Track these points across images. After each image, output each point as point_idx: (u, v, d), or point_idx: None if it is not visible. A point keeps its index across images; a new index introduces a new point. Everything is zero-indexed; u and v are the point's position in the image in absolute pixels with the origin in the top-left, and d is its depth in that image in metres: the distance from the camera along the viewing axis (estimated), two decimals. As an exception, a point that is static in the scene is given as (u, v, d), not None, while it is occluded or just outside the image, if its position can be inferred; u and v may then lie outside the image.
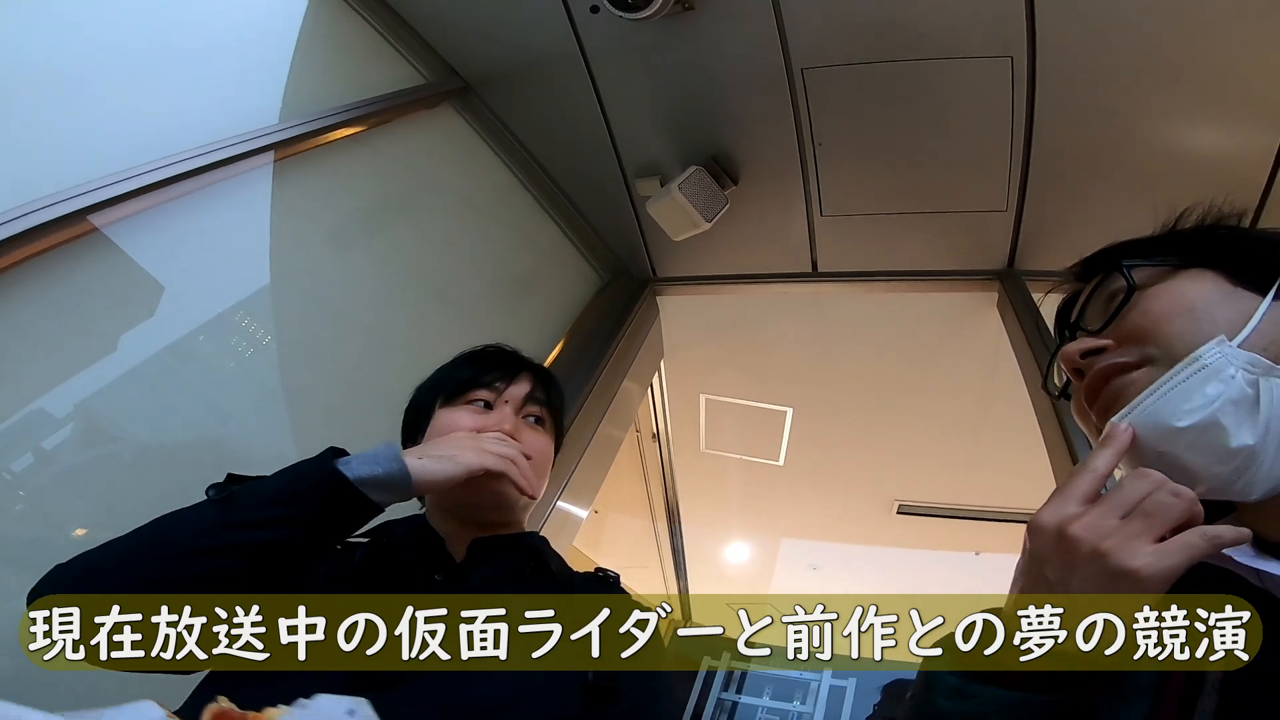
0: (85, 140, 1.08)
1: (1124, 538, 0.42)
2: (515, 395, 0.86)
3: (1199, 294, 0.53)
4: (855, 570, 3.65)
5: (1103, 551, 0.42)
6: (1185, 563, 0.41)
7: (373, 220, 1.63)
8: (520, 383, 0.87)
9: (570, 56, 1.78)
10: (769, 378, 2.73)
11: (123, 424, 1.09)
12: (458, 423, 0.82)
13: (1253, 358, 0.48)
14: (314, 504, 0.65)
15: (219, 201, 1.25)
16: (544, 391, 0.89)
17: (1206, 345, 0.49)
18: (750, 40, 1.65)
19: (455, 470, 0.71)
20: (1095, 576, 0.42)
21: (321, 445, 1.31)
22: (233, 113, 1.30)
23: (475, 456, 0.73)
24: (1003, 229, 1.93)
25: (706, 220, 1.87)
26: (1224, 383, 0.47)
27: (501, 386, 0.86)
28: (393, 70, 1.76)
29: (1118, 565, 0.42)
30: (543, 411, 0.88)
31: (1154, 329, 0.53)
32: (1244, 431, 0.47)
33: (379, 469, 0.68)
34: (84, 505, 1.02)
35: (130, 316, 1.10)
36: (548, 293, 2.18)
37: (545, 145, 2.07)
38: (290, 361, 1.35)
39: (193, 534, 0.63)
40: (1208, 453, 0.48)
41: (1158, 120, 1.59)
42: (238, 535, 0.62)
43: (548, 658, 0.64)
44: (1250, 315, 0.50)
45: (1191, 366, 0.49)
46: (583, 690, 0.66)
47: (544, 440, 0.87)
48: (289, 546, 0.64)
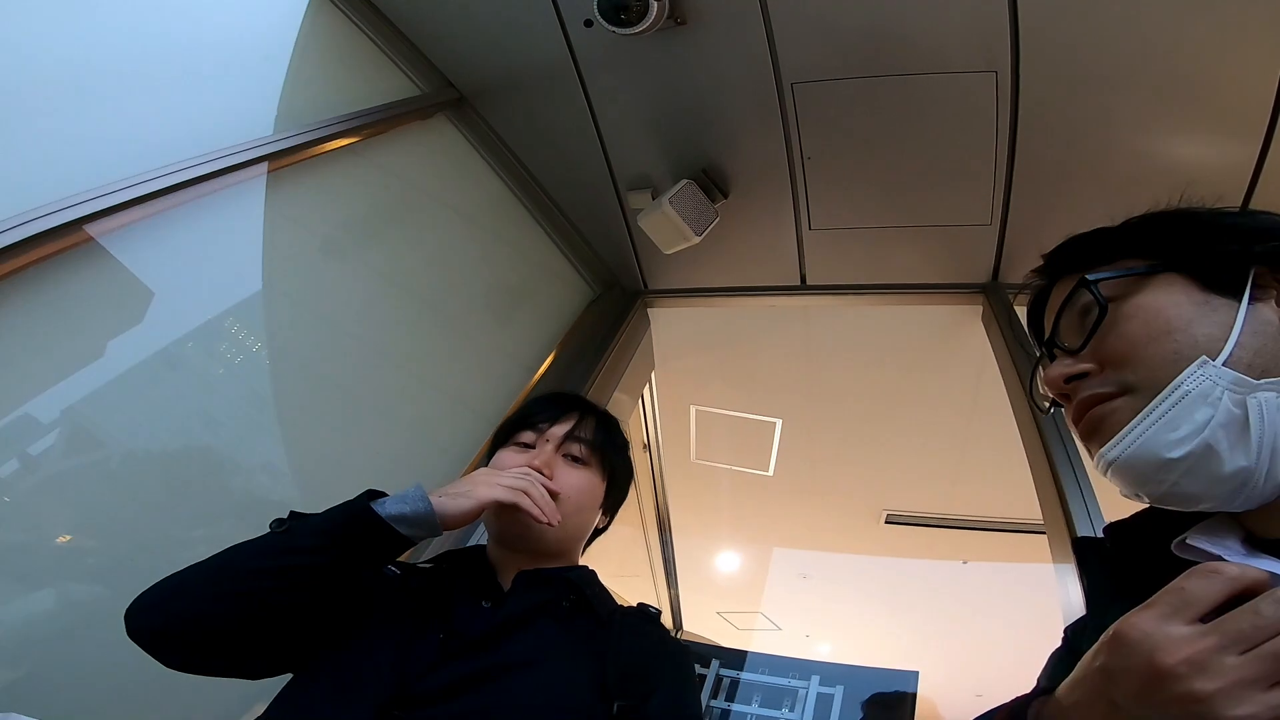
0: (82, 150, 1.09)
1: (1233, 682, 0.34)
2: (556, 434, 0.94)
3: (1174, 311, 0.51)
4: (844, 579, 3.66)
5: (1200, 695, 0.34)
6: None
7: (365, 231, 1.63)
8: (563, 422, 0.95)
9: (564, 69, 1.80)
10: (758, 389, 2.75)
11: (111, 430, 1.09)
12: (503, 463, 0.91)
13: (1238, 377, 0.47)
14: (348, 536, 0.74)
15: (213, 211, 1.25)
16: (590, 430, 0.96)
17: (1188, 370, 0.48)
18: (741, 55, 1.67)
19: (469, 505, 0.79)
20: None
21: (311, 454, 1.33)
22: (228, 123, 1.31)
23: (486, 490, 0.80)
24: (987, 243, 1.96)
25: (697, 233, 1.89)
26: (1212, 406, 0.46)
27: (545, 427, 0.94)
28: (388, 81, 1.77)
29: (1216, 715, 0.33)
30: (584, 450, 0.94)
31: (1132, 354, 0.51)
32: (1238, 454, 0.46)
33: (407, 507, 0.76)
34: (70, 512, 1.02)
35: (121, 324, 1.11)
36: (539, 304, 2.19)
37: (538, 157, 2.09)
38: (281, 370, 1.35)
39: (253, 557, 0.73)
40: (1204, 479, 0.47)
41: (1139, 134, 1.62)
42: (287, 559, 0.72)
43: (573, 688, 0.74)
44: (1228, 326, 0.49)
45: (1174, 395, 0.48)
46: (605, 716, 0.73)
47: (579, 476, 0.93)
48: (325, 571, 0.73)
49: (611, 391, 2.12)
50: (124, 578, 1.01)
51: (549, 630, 0.79)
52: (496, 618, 0.78)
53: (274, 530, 0.76)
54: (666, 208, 1.83)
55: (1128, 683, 0.37)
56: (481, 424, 1.72)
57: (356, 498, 0.78)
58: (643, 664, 0.80)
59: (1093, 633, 0.57)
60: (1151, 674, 0.36)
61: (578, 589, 0.85)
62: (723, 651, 2.31)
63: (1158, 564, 0.53)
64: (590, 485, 0.94)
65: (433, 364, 1.72)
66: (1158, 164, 1.64)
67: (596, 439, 0.96)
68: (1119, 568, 0.58)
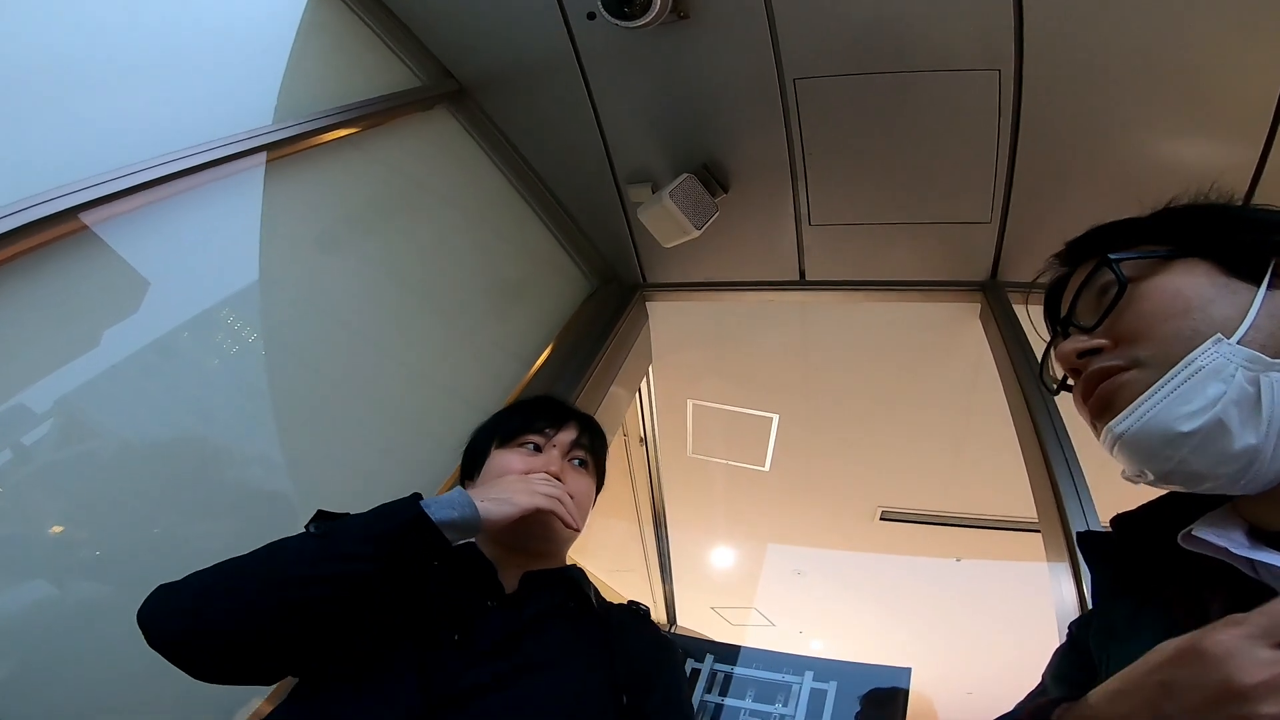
0: (78, 138, 1.07)
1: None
2: (563, 441, 0.98)
3: (1194, 291, 0.51)
4: (839, 575, 3.68)
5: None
6: None
7: (364, 222, 1.62)
8: (567, 430, 0.99)
9: (566, 62, 1.79)
10: (756, 384, 2.75)
11: (105, 421, 1.08)
12: (510, 464, 0.93)
13: (1252, 354, 0.47)
14: (401, 542, 0.73)
15: (210, 201, 1.24)
16: (589, 438, 1.01)
17: (1203, 346, 0.48)
18: (744, 50, 1.66)
19: (513, 511, 0.80)
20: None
21: (305, 446, 1.32)
22: (227, 112, 1.29)
23: (528, 499, 0.82)
24: (986, 240, 1.96)
25: (696, 228, 1.88)
26: (1225, 382, 0.46)
27: (550, 433, 0.98)
28: (388, 72, 1.75)
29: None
30: (586, 456, 1.00)
31: (1149, 330, 0.51)
32: (1248, 432, 0.46)
33: (455, 513, 0.76)
34: (62, 502, 1.01)
35: (116, 313, 1.09)
36: (538, 297, 2.18)
37: (538, 150, 2.08)
38: (277, 362, 1.35)
39: (296, 563, 0.70)
40: (1213, 455, 0.47)
41: (1141, 133, 1.61)
42: (335, 566, 0.70)
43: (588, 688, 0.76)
44: (1245, 309, 0.48)
45: (1189, 369, 0.48)
46: (619, 713, 0.77)
47: (587, 482, 0.98)
48: (375, 578, 0.71)
49: (609, 385, 2.11)
50: (116, 570, 1.01)
51: (562, 631, 0.82)
52: (515, 621, 0.80)
53: (312, 532, 0.73)
54: (667, 201, 1.83)
55: (1191, 697, 0.36)
56: (476, 417, 1.69)
57: (403, 501, 0.76)
58: (644, 661, 0.85)
59: (1098, 627, 0.57)
60: (1223, 691, 0.35)
61: (578, 588, 0.88)
62: (717, 646, 2.33)
63: (1163, 556, 0.53)
64: (591, 490, 1.00)
65: (428, 356, 1.71)
66: (1159, 165, 1.63)
67: (596, 446, 1.03)
68: (1124, 561, 0.58)
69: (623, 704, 0.78)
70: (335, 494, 1.34)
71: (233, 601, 0.67)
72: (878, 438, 2.78)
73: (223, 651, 0.67)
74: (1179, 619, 0.48)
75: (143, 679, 0.91)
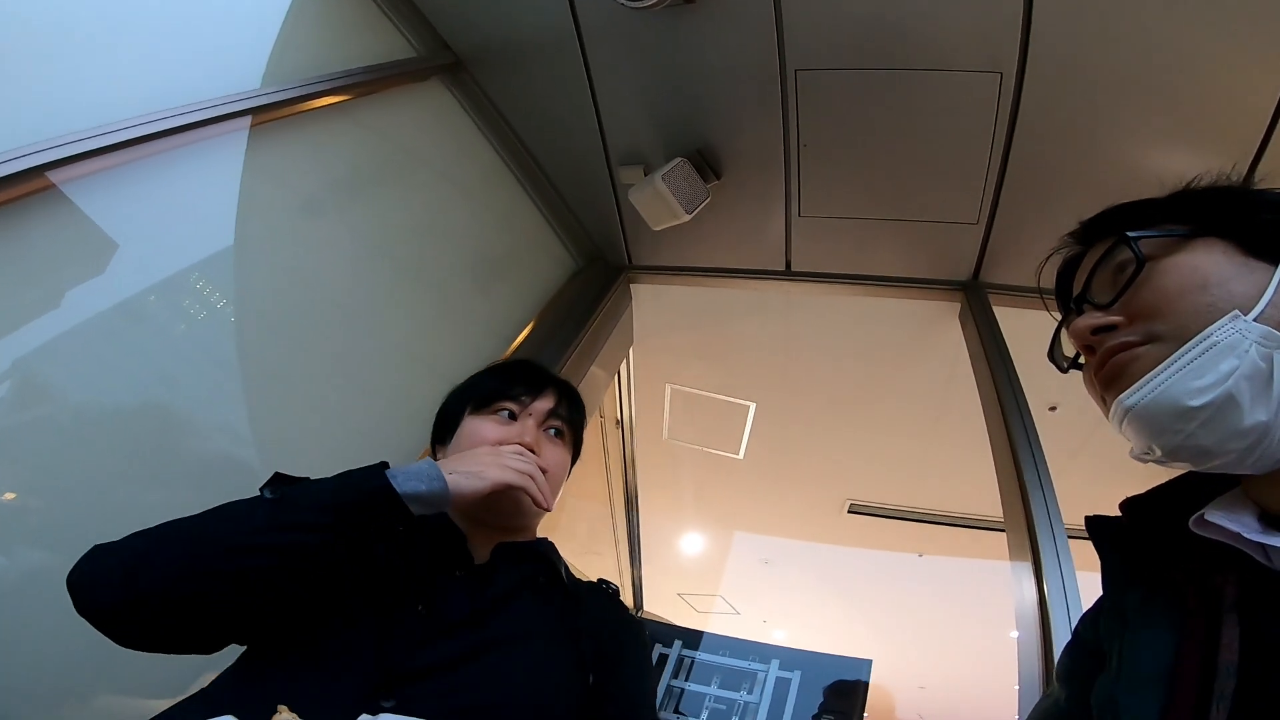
0: (56, 97, 1.02)
1: None
2: (539, 410, 0.93)
3: (1212, 268, 0.51)
4: (805, 566, 3.73)
5: None
6: None
7: (348, 192, 1.57)
8: (544, 398, 0.94)
9: (567, 39, 1.74)
10: (735, 372, 2.75)
11: (64, 384, 1.03)
12: (484, 432, 0.89)
13: (1268, 331, 0.47)
14: (362, 514, 0.69)
15: (188, 163, 1.18)
16: (566, 407, 0.96)
17: (1220, 321, 0.48)
18: (748, 38, 1.64)
19: (482, 485, 0.76)
20: None
21: (274, 417, 1.27)
22: (214, 75, 1.24)
23: (499, 473, 0.78)
24: (971, 241, 1.97)
25: (687, 212, 1.86)
26: (1238, 357, 0.46)
27: (527, 400, 0.93)
28: (384, 41, 1.70)
29: None
30: (563, 426, 0.95)
31: (1166, 306, 0.51)
32: (1258, 408, 0.46)
33: (423, 486, 0.72)
34: (19, 469, 0.96)
35: (80, 274, 1.04)
36: (521, 274, 2.14)
37: (532, 126, 2.04)
38: (249, 329, 1.30)
39: (244, 530, 0.65)
40: (1222, 430, 0.47)
41: (1133, 143, 1.62)
42: (287, 536, 0.65)
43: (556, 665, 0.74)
44: (1264, 288, 0.48)
45: (1204, 344, 0.47)
46: (585, 691, 0.75)
47: (562, 453, 0.94)
48: (327, 549, 0.67)
49: (589, 366, 2.10)
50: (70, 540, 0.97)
51: (531, 606, 0.80)
52: (485, 594, 0.77)
53: (266, 497, 0.69)
54: (659, 184, 1.81)
55: None
56: (454, 392, 1.68)
57: (368, 470, 0.72)
58: (614, 640, 0.83)
59: (1109, 617, 0.58)
60: None
61: (549, 562, 0.87)
62: (685, 633, 2.35)
63: (1172, 541, 0.53)
64: (566, 462, 0.96)
65: (407, 329, 1.68)
66: (1149, 173, 1.62)
67: (574, 416, 0.98)
68: (1134, 548, 0.58)
69: (589, 682, 0.76)
70: (303, 468, 1.30)
71: (170, 570, 0.62)
72: (851, 431, 2.81)
73: (152, 622, 0.63)
74: (1191, 605, 0.48)
75: (93, 651, 0.88)
